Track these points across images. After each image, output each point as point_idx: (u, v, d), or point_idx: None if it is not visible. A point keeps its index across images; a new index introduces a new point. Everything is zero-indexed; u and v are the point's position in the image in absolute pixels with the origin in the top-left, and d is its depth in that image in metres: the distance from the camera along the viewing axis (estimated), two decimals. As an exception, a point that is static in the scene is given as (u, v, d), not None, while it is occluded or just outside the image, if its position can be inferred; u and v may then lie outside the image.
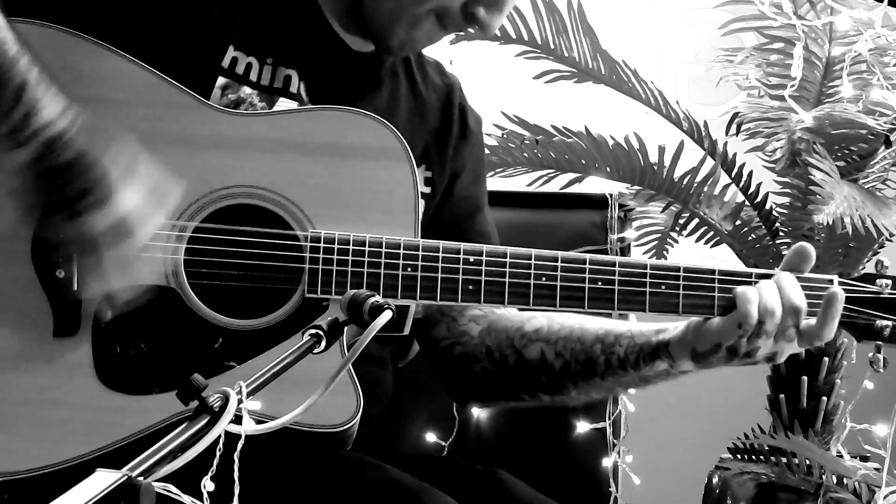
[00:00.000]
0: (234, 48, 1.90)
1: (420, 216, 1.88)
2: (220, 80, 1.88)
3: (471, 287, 1.82)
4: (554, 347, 1.99)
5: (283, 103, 1.91)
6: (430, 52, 2.16)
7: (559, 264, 1.84)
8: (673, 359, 1.90)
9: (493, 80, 3.68)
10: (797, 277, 1.85)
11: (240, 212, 1.80)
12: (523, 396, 2.07)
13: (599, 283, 1.84)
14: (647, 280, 1.85)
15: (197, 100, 1.81)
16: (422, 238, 1.84)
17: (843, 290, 1.87)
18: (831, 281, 1.88)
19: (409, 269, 1.81)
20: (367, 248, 1.80)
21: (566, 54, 2.88)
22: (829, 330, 1.83)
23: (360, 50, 2.00)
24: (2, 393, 1.73)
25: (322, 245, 1.79)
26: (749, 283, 1.85)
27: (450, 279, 1.82)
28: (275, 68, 1.92)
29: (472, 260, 1.83)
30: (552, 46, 2.87)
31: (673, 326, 1.91)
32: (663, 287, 1.85)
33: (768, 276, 1.85)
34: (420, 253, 1.81)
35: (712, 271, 1.86)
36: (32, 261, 1.75)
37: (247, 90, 1.89)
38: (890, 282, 1.91)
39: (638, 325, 1.96)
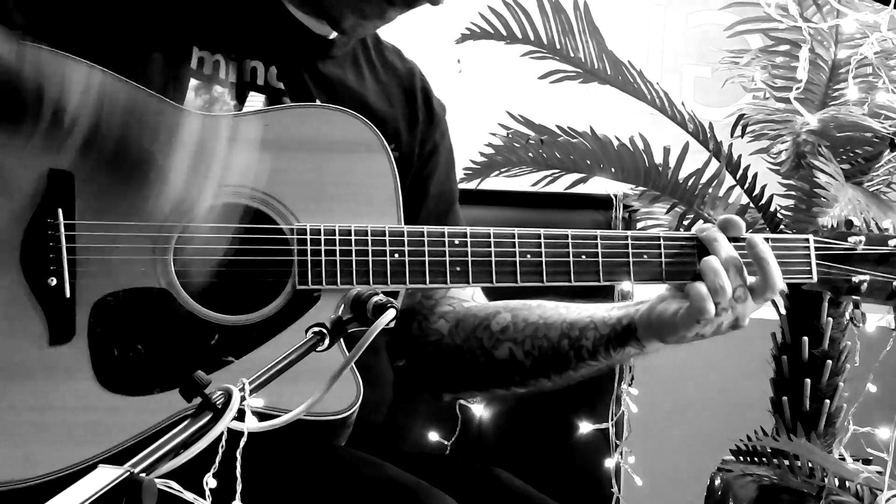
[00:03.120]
0: (198, 48, 1.90)
1: (402, 204, 1.89)
2: (193, 83, 1.88)
3: (458, 269, 1.84)
4: (522, 347, 2.01)
5: (254, 97, 1.92)
6: (434, 50, 2.16)
7: (542, 240, 1.86)
8: (642, 344, 1.92)
9: (498, 80, 3.69)
10: (772, 240, 1.89)
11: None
12: (495, 390, 2.11)
13: (583, 256, 1.87)
14: (630, 250, 1.88)
15: (171, 105, 1.81)
16: (410, 225, 1.86)
17: (818, 247, 1.92)
18: (807, 240, 1.92)
19: (397, 255, 1.82)
20: (352, 238, 1.81)
21: (572, 54, 2.88)
22: (773, 277, 1.85)
23: (321, 33, 2.00)
24: (4, 402, 1.73)
25: (308, 237, 1.80)
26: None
27: (437, 262, 1.84)
28: (240, 62, 1.92)
29: (457, 242, 1.84)
30: (558, 46, 2.87)
31: (634, 310, 1.93)
32: (645, 256, 1.88)
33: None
34: (405, 238, 1.82)
35: (693, 238, 1.89)
36: (22, 269, 1.75)
37: (218, 89, 1.90)
38: (863, 238, 1.93)
39: (600, 312, 1.97)
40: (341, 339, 1.65)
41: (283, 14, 1.97)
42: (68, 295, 1.75)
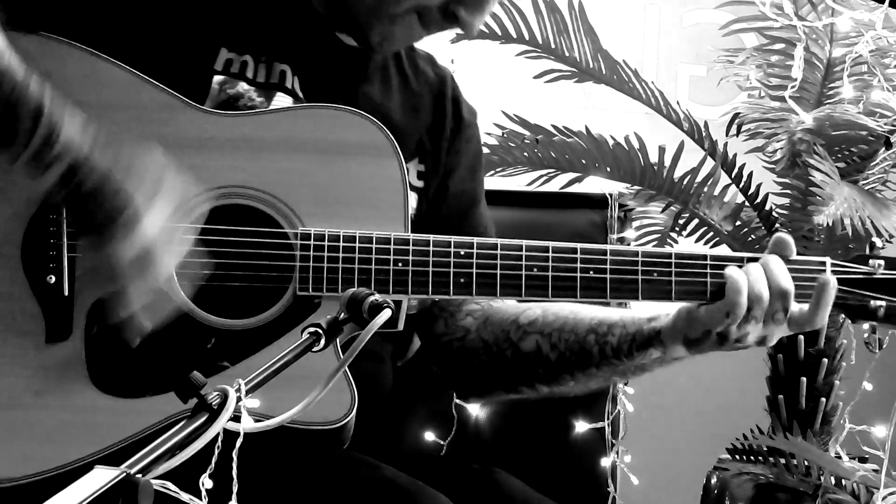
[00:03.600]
0: (226, 50, 1.89)
1: (410, 211, 1.88)
2: (217, 77, 1.88)
3: (462, 280, 1.82)
4: (549, 339, 1.99)
5: (281, 98, 1.91)
6: (429, 49, 2.15)
7: (550, 254, 1.84)
8: (665, 346, 1.91)
9: (493, 80, 3.69)
10: (787, 261, 1.86)
11: (230, 212, 1.80)
12: (522, 389, 2.07)
13: (591, 272, 1.84)
14: (639, 268, 1.85)
15: (184, 102, 1.81)
16: (416, 234, 1.84)
17: (836, 270, 1.89)
18: (823, 263, 1.89)
19: (400, 264, 1.81)
20: (357, 245, 1.80)
21: (567, 54, 2.88)
22: (822, 317, 1.84)
23: (351, 44, 1.99)
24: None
25: (312, 242, 1.79)
26: (739, 266, 1.85)
27: (441, 272, 1.82)
28: (269, 64, 1.91)
29: (462, 253, 1.82)
30: (553, 46, 2.87)
31: (664, 314, 1.91)
32: (655, 274, 1.85)
33: (757, 260, 1.86)
34: (410, 248, 1.81)
35: (704, 256, 1.86)
36: (23, 266, 1.75)
37: (244, 85, 1.89)
38: (882, 262, 1.92)
39: (630, 313, 1.96)
40: (338, 345, 1.66)
41: (318, 25, 1.96)
42: (66, 293, 1.75)
